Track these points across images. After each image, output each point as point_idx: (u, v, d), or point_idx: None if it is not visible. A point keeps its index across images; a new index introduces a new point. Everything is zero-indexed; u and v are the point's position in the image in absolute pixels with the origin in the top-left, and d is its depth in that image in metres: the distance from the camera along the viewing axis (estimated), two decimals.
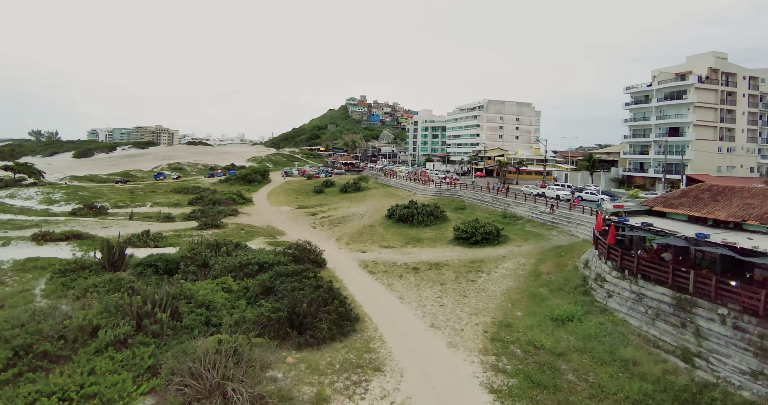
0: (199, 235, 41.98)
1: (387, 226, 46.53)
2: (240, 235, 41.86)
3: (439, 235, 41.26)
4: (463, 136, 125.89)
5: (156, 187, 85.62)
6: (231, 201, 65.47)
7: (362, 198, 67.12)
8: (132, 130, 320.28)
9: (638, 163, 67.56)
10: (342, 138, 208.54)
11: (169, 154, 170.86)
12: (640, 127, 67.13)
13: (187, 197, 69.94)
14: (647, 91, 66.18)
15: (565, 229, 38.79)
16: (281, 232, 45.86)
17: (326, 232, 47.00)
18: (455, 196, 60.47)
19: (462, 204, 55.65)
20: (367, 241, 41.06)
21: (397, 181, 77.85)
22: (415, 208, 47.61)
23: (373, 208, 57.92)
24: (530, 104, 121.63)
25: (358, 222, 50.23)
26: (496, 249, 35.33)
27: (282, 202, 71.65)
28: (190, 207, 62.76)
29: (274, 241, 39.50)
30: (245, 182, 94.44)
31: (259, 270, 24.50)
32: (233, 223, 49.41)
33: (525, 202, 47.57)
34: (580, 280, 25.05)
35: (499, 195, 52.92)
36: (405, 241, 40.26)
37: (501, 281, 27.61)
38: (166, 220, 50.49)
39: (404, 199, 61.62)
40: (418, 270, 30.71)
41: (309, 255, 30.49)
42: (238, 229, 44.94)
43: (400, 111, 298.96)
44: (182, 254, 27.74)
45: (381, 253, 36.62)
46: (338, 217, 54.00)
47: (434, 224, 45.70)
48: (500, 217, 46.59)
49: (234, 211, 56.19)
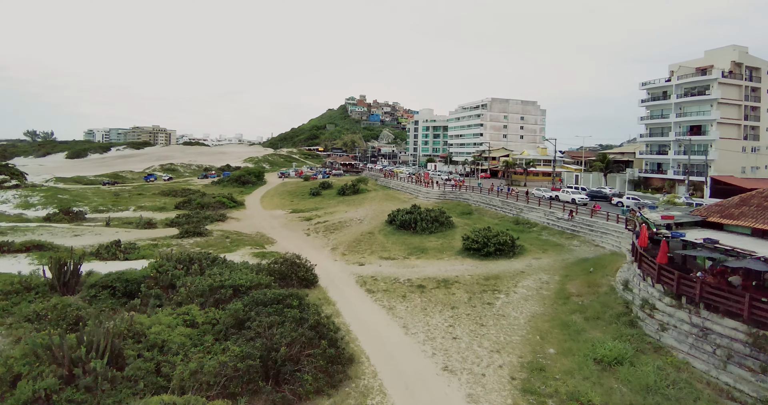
0: (178, 244, 37.74)
1: (387, 234, 42.30)
2: (224, 245, 37.61)
3: (445, 245, 37.01)
4: (466, 136, 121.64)
5: (144, 190, 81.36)
6: (220, 205, 61.23)
7: (361, 201, 62.88)
8: (129, 130, 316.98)
9: (656, 164, 63.27)
10: (341, 138, 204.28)
11: (164, 155, 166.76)
12: (658, 125, 62.86)
13: (175, 200, 65.72)
14: (665, 87, 61.92)
15: (588, 239, 34.53)
16: (271, 241, 41.60)
17: (321, 239, 42.75)
18: (461, 199, 56.23)
19: (468, 208, 51.40)
20: (365, 251, 36.82)
21: (397, 183, 73.61)
22: (418, 214, 43.39)
23: (372, 212, 53.68)
24: (535, 103, 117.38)
25: (356, 228, 46.00)
26: (512, 262, 31.06)
27: (276, 205, 67.39)
28: (176, 211, 58.56)
29: (261, 252, 35.22)
30: (239, 184, 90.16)
31: (233, 295, 20.23)
32: (219, 230, 45.13)
33: (539, 207, 43.31)
34: (621, 307, 20.78)
35: (510, 199, 48.68)
36: (408, 251, 36.02)
37: (523, 305, 23.33)
38: (146, 226, 46.24)
39: (406, 203, 57.35)
40: (424, 288, 26.46)
41: (298, 271, 26.24)
42: (223, 237, 40.66)
43: (400, 111, 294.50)
44: (146, 273, 23.47)
45: (381, 265, 32.38)
46: (335, 222, 49.76)
47: (439, 231, 41.49)
48: (512, 223, 42.37)
49: (222, 217, 51.95)
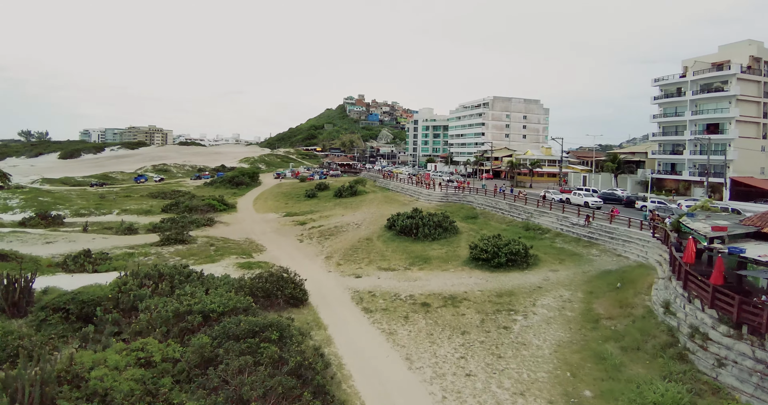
0: (157, 253, 34.44)
1: (387, 240, 39.05)
2: (207, 254, 34.27)
3: (450, 253, 33.76)
4: (467, 136, 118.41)
5: (133, 191, 77.97)
6: (210, 208, 57.86)
7: (359, 204, 59.61)
8: (125, 130, 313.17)
9: (669, 165, 60.10)
10: (339, 138, 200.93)
11: (159, 155, 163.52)
12: (672, 123, 59.66)
13: (162, 203, 62.33)
14: (680, 83, 58.74)
15: (608, 248, 31.29)
16: (260, 248, 38.27)
17: (314, 247, 39.46)
18: (464, 202, 52.98)
19: (473, 212, 48.14)
20: (362, 261, 33.55)
21: (397, 185, 70.33)
22: (420, 219, 40.13)
23: (370, 216, 50.42)
24: (538, 101, 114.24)
25: (353, 234, 42.74)
26: (527, 275, 27.82)
27: (269, 208, 64.07)
28: (162, 215, 55.22)
29: (248, 263, 31.90)
30: (232, 185, 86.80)
31: (204, 323, 16.94)
32: (205, 236, 41.79)
33: (551, 211, 40.06)
34: (665, 335, 17.53)
35: (518, 202, 45.42)
36: (409, 260, 32.77)
37: (546, 330, 20.07)
38: (126, 232, 42.88)
39: (406, 206, 54.10)
40: (429, 307, 23.20)
41: (285, 288, 22.95)
42: (208, 245, 37.31)
43: (399, 110, 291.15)
44: (107, 292, 20.16)
45: (380, 278, 29.12)
46: (330, 227, 46.48)
47: (443, 238, 38.24)
48: (521, 229, 39.13)
49: (209, 221, 48.58)
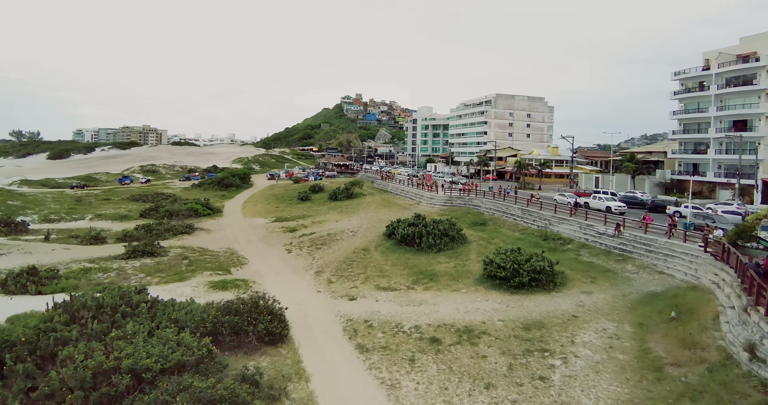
0: (119, 268, 29.69)
1: (386, 251, 34.43)
2: (177, 270, 29.50)
3: (460, 268, 29.16)
4: (469, 135, 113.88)
5: (114, 194, 73.09)
6: (192, 213, 53.07)
7: (355, 208, 54.95)
8: (118, 130, 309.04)
9: (691, 165, 55.65)
10: (336, 138, 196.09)
11: (150, 155, 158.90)
12: (694, 120, 55.21)
13: (143, 207, 57.55)
14: (702, 77, 54.29)
15: (646, 263, 26.72)
16: (241, 261, 33.50)
17: (304, 259, 34.76)
18: (470, 206, 48.37)
19: (481, 217, 43.55)
20: (358, 277, 28.90)
21: (396, 187, 65.72)
22: (423, 226, 35.50)
23: (367, 222, 45.78)
24: (542, 99, 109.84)
25: (348, 243, 38.09)
26: (555, 298, 23.20)
27: (258, 212, 59.34)
28: (140, 220, 50.48)
29: (222, 281, 27.16)
30: (221, 187, 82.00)
31: (134, 386, 12.29)
32: (180, 246, 36.99)
33: (571, 218, 35.45)
34: (759, 393, 12.93)
35: (531, 206, 40.82)
36: (412, 276, 28.15)
37: (596, 381, 15.45)
38: (92, 241, 38.08)
39: (406, 210, 49.50)
40: (440, 344, 18.57)
41: (259, 321, 18.30)
42: (180, 258, 32.52)
43: (397, 110, 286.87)
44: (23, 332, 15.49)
45: (378, 300, 24.49)
46: (323, 235, 41.80)
47: (450, 248, 33.65)
48: (538, 238, 34.56)
49: (188, 228, 43.74)
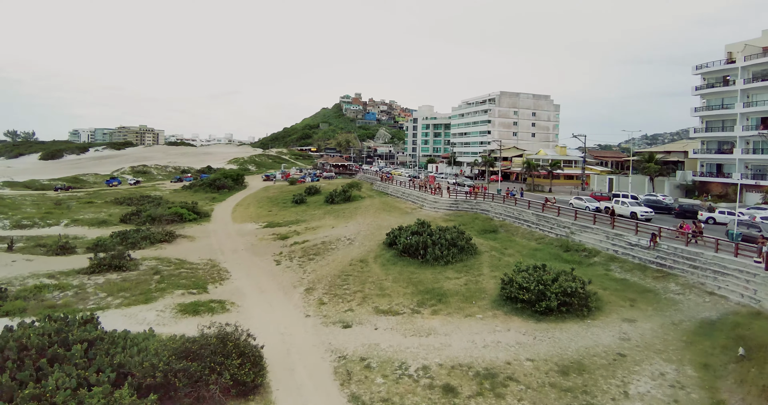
0: (80, 285, 25.73)
1: (386, 263, 30.51)
2: (145, 288, 25.51)
3: (472, 286, 25.22)
4: (471, 134, 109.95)
5: (98, 196, 69.10)
6: (177, 217, 49.05)
7: (352, 212, 51.00)
8: (115, 130, 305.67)
9: (714, 165, 51.73)
10: (335, 137, 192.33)
11: (144, 156, 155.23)
12: (718, 117, 51.25)
13: (126, 211, 53.58)
14: (727, 71, 50.35)
15: (692, 281, 22.78)
16: (221, 276, 29.48)
17: (294, 272, 30.77)
18: (477, 210, 44.42)
19: (491, 224, 39.60)
20: (354, 296, 24.96)
21: (397, 189, 61.77)
22: (428, 235, 31.55)
23: (366, 228, 41.84)
24: (548, 97, 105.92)
25: (344, 253, 34.16)
26: (591, 328, 19.25)
27: (249, 216, 55.37)
28: (120, 226, 46.59)
29: (195, 303, 23.15)
30: (213, 189, 78.06)
31: None
32: (155, 257, 32.96)
33: (595, 226, 31.44)
34: None
35: (547, 212, 36.85)
36: (417, 296, 24.22)
37: None
38: (60, 251, 34.12)
39: (408, 215, 45.58)
40: (457, 396, 14.62)
41: (226, 367, 14.35)
42: (151, 273, 28.50)
43: (397, 109, 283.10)
44: None
45: (378, 328, 20.56)
46: (317, 244, 37.85)
47: (459, 260, 29.72)
48: (559, 249, 30.63)
49: (169, 236, 39.68)
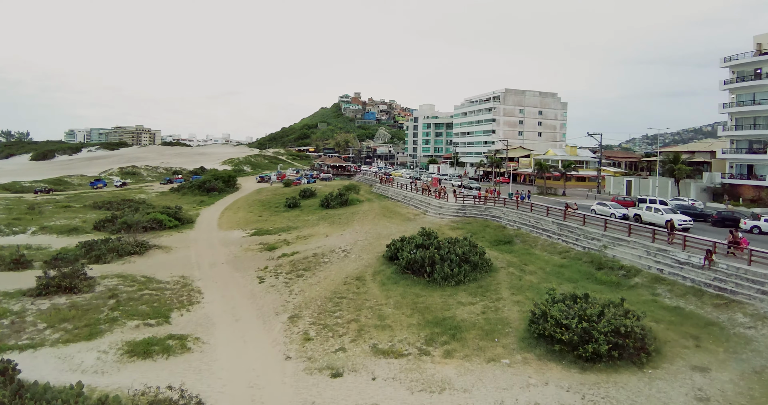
0: (20, 311, 21.31)
1: (386, 281, 26.12)
2: (93, 318, 21.04)
3: (491, 314, 20.81)
4: (475, 134, 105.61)
5: (79, 199, 64.66)
6: (156, 224, 44.62)
7: (349, 218, 46.59)
8: (111, 130, 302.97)
9: (745, 167, 47.36)
10: (334, 137, 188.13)
11: (137, 156, 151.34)
12: (749, 114, 46.86)
13: (104, 216, 49.17)
14: (760, 62, 45.97)
15: (763, 310, 18.38)
16: (192, 299, 24.99)
17: (278, 293, 26.31)
18: (488, 217, 40.01)
19: (504, 233, 35.17)
20: (348, 328, 20.54)
21: (397, 192, 57.36)
22: (436, 249, 27.13)
23: (363, 237, 37.44)
24: (555, 95, 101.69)
25: (338, 268, 29.75)
26: (655, 382, 14.80)
27: (238, 222, 50.94)
28: (92, 234, 42.22)
29: (148, 342, 18.65)
30: (202, 191, 73.61)
31: None
32: (119, 274, 28.48)
33: (630, 238, 26.96)
34: None
35: (570, 220, 32.38)
36: (426, 329, 19.80)
37: None
38: (14, 266, 29.69)
39: (411, 222, 41.20)
40: None
41: None
42: (108, 296, 24.02)
43: (397, 109, 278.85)
44: None
45: (376, 377, 16.15)
46: (308, 256, 33.41)
47: (472, 280, 25.31)
48: (589, 266, 26.21)
49: (140, 246, 35.09)
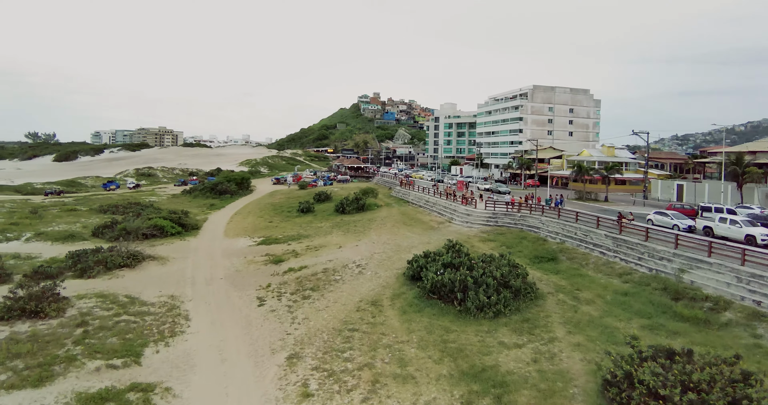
0: None
1: (408, 309, 21.52)
2: (50, 355, 17.06)
3: (544, 363, 15.94)
4: (500, 133, 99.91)
5: (87, 202, 62.27)
6: (157, 231, 41.15)
7: (366, 225, 42.16)
8: (135, 131, 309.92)
9: None
10: (352, 138, 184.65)
11: (156, 157, 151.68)
12: None
13: (106, 221, 46.09)
14: None
15: None
16: (175, 328, 20.83)
17: (277, 321, 21.97)
18: (524, 227, 34.91)
19: (545, 248, 30.03)
20: (359, 380, 15.99)
21: (419, 196, 52.67)
22: (468, 269, 22.37)
23: (381, 249, 32.91)
24: (587, 91, 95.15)
25: (351, 289, 25.31)
26: None
27: (245, 229, 47.13)
28: (91, 241, 39.06)
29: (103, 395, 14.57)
30: (214, 194, 70.54)
31: None
32: (98, 293, 24.67)
33: (711, 259, 21.50)
34: None
35: (627, 234, 27.04)
36: (461, 386, 15.08)
37: None
38: None
39: (434, 231, 36.49)
40: None
41: None
42: (76, 324, 20.09)
43: (417, 109, 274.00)
44: None
45: None
46: (317, 271, 29.07)
47: (514, 309, 20.48)
48: (661, 294, 20.98)
49: (133, 257, 31.26)
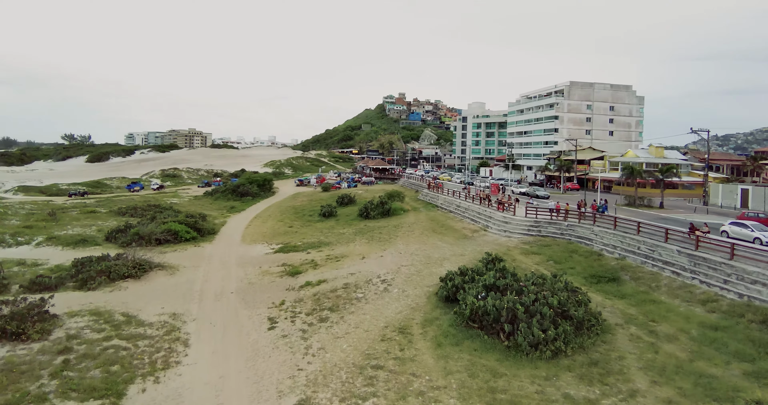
0: None
1: (444, 342, 17.87)
2: (18, 389, 14.28)
3: None
4: (533, 133, 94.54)
5: (109, 204, 61.33)
6: (171, 236, 38.89)
7: (391, 232, 38.62)
8: (166, 133, 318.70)
9: None
10: (377, 139, 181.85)
11: (184, 158, 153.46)
12: None
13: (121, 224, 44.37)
14: None
15: None
16: (170, 358, 17.77)
17: (289, 351, 18.64)
18: (573, 238, 30.55)
19: (602, 264, 25.70)
20: None
21: (449, 200, 48.74)
22: (516, 293, 18.53)
23: (408, 260, 29.30)
24: (629, 87, 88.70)
25: (375, 310, 21.84)
26: None
27: (263, 234, 44.41)
28: (104, 246, 37.15)
29: None
30: (236, 196, 68.76)
31: None
32: (92, 310, 22.00)
33: None
34: None
35: (705, 251, 22.49)
36: None
37: None
38: None
39: (468, 240, 32.57)
40: None
41: None
42: (57, 351, 17.42)
43: (443, 109, 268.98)
44: None
45: None
46: (337, 287, 25.73)
47: (576, 347, 16.52)
48: (763, 328, 16.61)
49: (140, 267, 28.67)
